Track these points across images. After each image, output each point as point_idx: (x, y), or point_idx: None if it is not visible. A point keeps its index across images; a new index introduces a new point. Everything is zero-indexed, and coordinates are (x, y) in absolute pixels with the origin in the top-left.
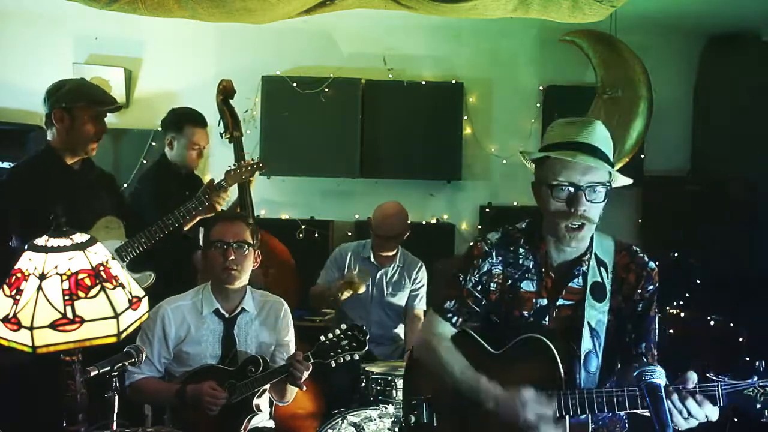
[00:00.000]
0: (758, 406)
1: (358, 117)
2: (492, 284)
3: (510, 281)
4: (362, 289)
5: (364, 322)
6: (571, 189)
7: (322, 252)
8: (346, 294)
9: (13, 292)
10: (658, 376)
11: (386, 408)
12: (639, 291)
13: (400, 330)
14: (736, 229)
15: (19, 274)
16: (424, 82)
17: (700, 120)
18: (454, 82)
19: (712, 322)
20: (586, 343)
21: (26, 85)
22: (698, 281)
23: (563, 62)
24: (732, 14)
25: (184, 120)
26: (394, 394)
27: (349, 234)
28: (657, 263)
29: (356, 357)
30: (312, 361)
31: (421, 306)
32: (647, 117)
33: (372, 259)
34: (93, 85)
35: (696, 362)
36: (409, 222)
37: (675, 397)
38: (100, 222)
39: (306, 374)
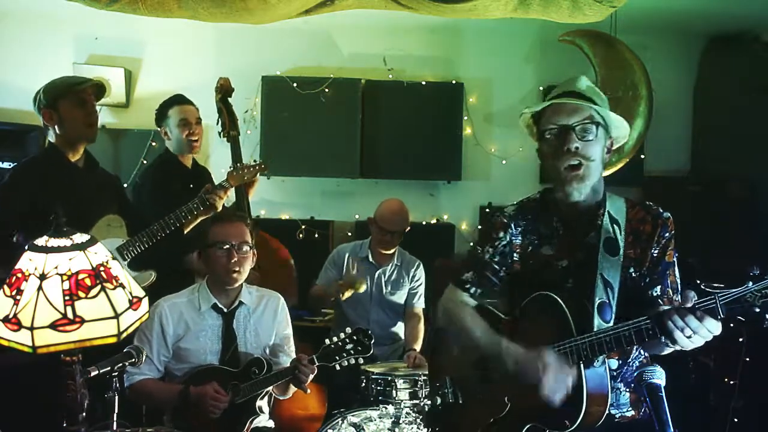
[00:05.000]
0: (757, 310)
1: (358, 117)
2: (515, 254)
3: (531, 248)
4: (363, 288)
5: (364, 321)
6: (561, 129)
7: (323, 252)
8: (348, 294)
9: (14, 293)
10: (658, 376)
11: (386, 408)
12: (655, 239)
13: (399, 329)
14: (736, 229)
15: (19, 275)
16: (424, 82)
17: (700, 120)
18: (454, 82)
19: None
20: (599, 294)
21: (26, 85)
22: (698, 281)
23: (563, 62)
24: (732, 14)
25: (167, 105)
26: (394, 395)
27: (349, 234)
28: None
29: (361, 361)
30: (317, 364)
31: (419, 304)
32: (647, 117)
33: (370, 259)
34: (69, 76)
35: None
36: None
37: (675, 316)
38: (102, 220)
39: (311, 377)
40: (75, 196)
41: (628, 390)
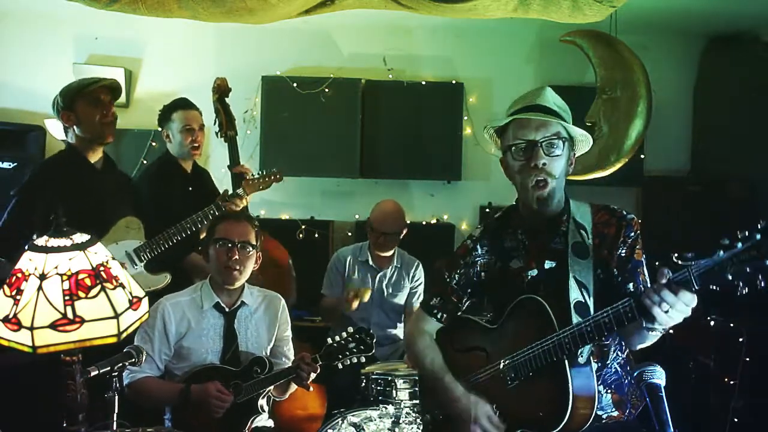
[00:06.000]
0: (730, 278)
1: (358, 117)
2: (482, 274)
3: (498, 263)
4: (368, 296)
5: (365, 323)
6: (528, 145)
7: (322, 252)
8: (355, 304)
9: (14, 292)
10: (658, 376)
11: (386, 408)
12: (621, 239)
13: (399, 331)
14: (736, 229)
15: (19, 274)
16: (424, 82)
17: (700, 120)
18: (454, 82)
19: (712, 322)
20: (574, 294)
21: (26, 85)
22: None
23: (563, 62)
24: (732, 14)
25: (171, 109)
26: (394, 395)
27: (349, 234)
28: (636, 218)
29: (363, 360)
30: (320, 363)
31: (418, 304)
32: (647, 117)
33: (371, 262)
34: (85, 78)
35: (695, 362)
36: (407, 221)
37: (652, 293)
38: (122, 221)
39: (313, 376)
40: (95, 197)
41: (609, 391)
